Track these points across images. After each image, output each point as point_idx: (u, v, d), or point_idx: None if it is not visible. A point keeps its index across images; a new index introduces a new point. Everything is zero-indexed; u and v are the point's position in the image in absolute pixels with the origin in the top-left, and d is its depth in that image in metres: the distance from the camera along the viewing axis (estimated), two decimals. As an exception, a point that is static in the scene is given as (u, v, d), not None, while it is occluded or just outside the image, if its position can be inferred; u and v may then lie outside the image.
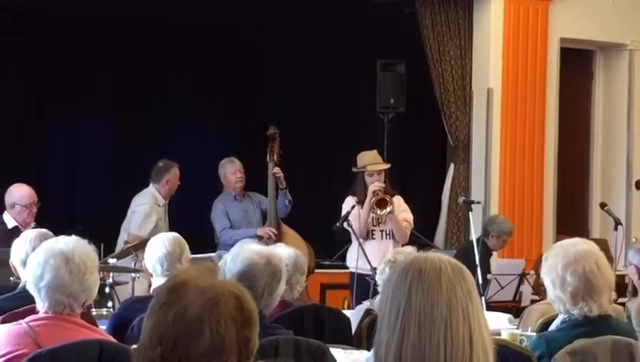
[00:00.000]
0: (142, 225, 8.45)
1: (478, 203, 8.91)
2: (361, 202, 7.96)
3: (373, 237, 8.05)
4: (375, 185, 7.94)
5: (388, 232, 8.05)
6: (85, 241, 3.82)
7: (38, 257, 3.68)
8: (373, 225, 8.04)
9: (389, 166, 8.20)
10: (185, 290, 2.30)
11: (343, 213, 7.91)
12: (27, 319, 3.63)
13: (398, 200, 8.10)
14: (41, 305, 3.65)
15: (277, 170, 8.73)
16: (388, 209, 7.92)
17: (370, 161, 8.12)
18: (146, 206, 8.51)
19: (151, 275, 5.23)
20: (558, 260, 3.86)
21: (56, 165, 10.15)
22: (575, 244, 3.92)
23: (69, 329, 3.58)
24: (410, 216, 8.14)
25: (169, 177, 8.60)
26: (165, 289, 2.33)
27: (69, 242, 3.71)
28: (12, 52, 9.64)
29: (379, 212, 7.94)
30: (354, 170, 8.15)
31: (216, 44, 10.32)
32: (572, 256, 3.84)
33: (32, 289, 3.68)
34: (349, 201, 8.02)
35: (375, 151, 8.35)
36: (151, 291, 5.16)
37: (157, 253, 5.16)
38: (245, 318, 2.32)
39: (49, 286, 3.60)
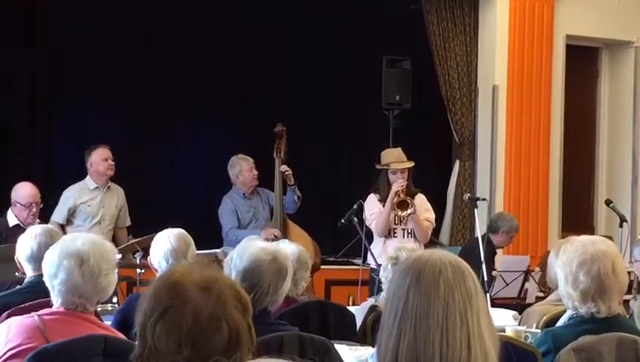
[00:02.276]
0: (57, 212, 8.43)
1: (484, 200, 8.91)
2: (383, 200, 7.96)
3: (395, 235, 8.03)
4: (397, 185, 7.92)
5: (409, 231, 8.04)
6: (104, 241, 3.81)
7: (53, 255, 3.68)
8: (395, 224, 8.02)
9: (413, 164, 8.16)
10: (185, 289, 2.30)
11: (368, 211, 7.90)
12: (41, 312, 3.65)
13: (420, 199, 8.08)
14: (55, 300, 3.67)
15: (285, 167, 8.71)
16: (409, 211, 7.90)
17: (394, 158, 8.10)
18: (65, 193, 8.50)
19: (156, 270, 5.24)
20: (575, 256, 3.82)
21: (62, 164, 10.15)
22: (594, 243, 3.86)
23: (81, 325, 3.59)
24: (432, 216, 8.13)
25: (91, 160, 8.53)
26: (164, 290, 2.33)
27: (86, 242, 3.69)
28: (16, 51, 9.64)
29: (400, 213, 7.93)
30: (377, 167, 8.13)
31: (223, 42, 10.32)
32: (589, 255, 3.79)
33: (47, 283, 3.70)
34: (372, 198, 8.01)
35: (399, 149, 8.32)
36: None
37: (162, 249, 5.18)
38: (244, 305, 2.35)
39: (62, 285, 3.62)
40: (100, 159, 8.51)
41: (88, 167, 8.54)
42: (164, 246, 5.17)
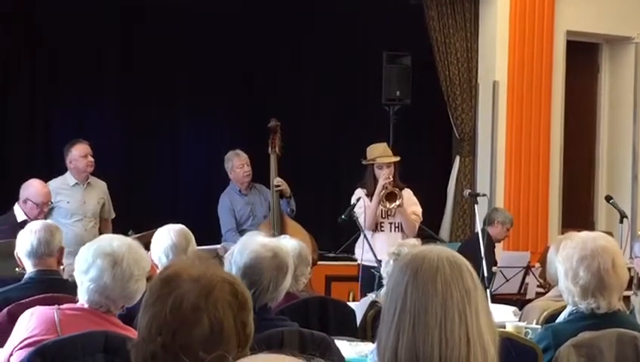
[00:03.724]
0: None
1: (484, 195, 8.90)
2: (370, 194, 7.96)
3: (382, 229, 8.03)
4: (384, 178, 7.93)
5: (397, 225, 8.04)
6: (140, 246, 3.80)
7: (87, 252, 3.68)
8: (382, 218, 8.02)
9: (398, 159, 8.16)
10: (178, 280, 2.31)
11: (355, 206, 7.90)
12: (64, 306, 3.66)
13: (407, 194, 8.08)
14: (81, 297, 3.68)
15: (278, 181, 8.67)
16: (397, 202, 7.91)
17: (379, 153, 8.10)
18: None
19: (156, 266, 5.24)
20: (575, 252, 3.81)
21: (62, 164, 10.11)
22: (595, 239, 3.86)
23: (100, 324, 3.59)
24: (419, 210, 8.13)
25: (70, 157, 8.35)
26: (159, 281, 2.35)
27: (122, 245, 3.68)
28: (16, 51, 9.63)
29: (388, 205, 7.93)
30: (363, 162, 8.13)
31: (222, 40, 10.30)
32: (589, 251, 3.79)
33: (76, 278, 3.70)
34: (358, 194, 8.02)
35: (385, 144, 8.33)
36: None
37: (163, 245, 5.17)
38: (240, 303, 2.33)
39: (91, 283, 3.62)
40: (79, 156, 8.32)
41: (68, 163, 8.38)
42: (165, 241, 5.17)
